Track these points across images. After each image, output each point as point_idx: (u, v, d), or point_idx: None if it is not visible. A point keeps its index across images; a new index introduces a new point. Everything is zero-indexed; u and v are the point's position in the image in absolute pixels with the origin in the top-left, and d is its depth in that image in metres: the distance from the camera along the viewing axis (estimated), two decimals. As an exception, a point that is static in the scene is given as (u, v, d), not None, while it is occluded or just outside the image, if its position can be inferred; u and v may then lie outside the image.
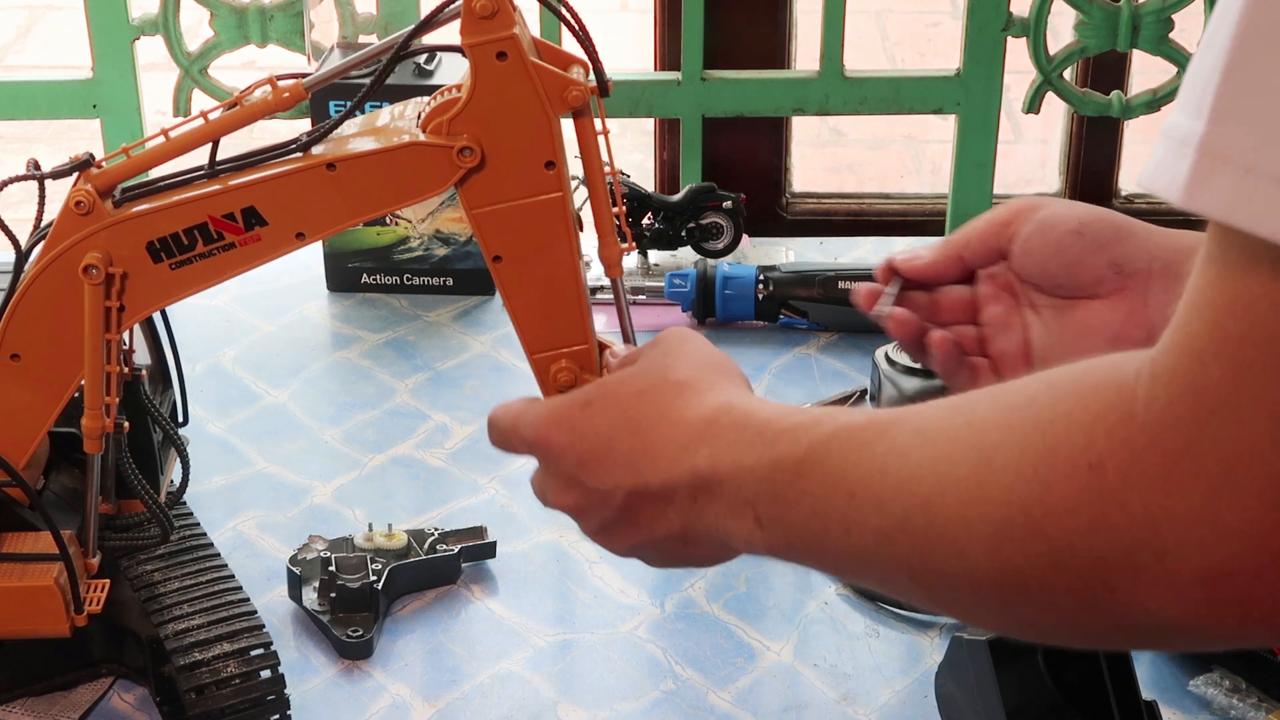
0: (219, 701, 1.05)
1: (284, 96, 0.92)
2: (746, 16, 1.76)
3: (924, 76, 1.73)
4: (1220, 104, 0.54)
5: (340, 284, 1.61)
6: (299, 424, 1.41)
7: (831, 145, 3.35)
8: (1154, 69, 1.72)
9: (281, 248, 0.94)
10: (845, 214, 1.88)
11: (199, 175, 0.94)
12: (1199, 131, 0.54)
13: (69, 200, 0.93)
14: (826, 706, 1.11)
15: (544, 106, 0.89)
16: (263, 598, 1.18)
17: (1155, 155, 0.57)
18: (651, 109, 1.73)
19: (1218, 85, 0.54)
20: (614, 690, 1.13)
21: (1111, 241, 0.91)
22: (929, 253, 0.96)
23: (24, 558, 1.02)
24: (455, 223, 1.58)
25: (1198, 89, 0.56)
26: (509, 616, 1.19)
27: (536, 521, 1.28)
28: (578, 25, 0.92)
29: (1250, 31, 0.53)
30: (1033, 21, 1.67)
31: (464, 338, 1.54)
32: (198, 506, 1.24)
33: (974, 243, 0.95)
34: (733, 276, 1.53)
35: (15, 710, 1.09)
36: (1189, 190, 0.55)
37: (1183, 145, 0.55)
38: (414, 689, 1.13)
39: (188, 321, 1.48)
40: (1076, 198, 1.83)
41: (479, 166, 0.90)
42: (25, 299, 0.96)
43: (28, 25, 3.78)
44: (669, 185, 1.83)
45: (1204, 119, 0.54)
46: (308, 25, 1.67)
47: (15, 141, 3.24)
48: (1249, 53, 0.54)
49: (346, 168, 0.92)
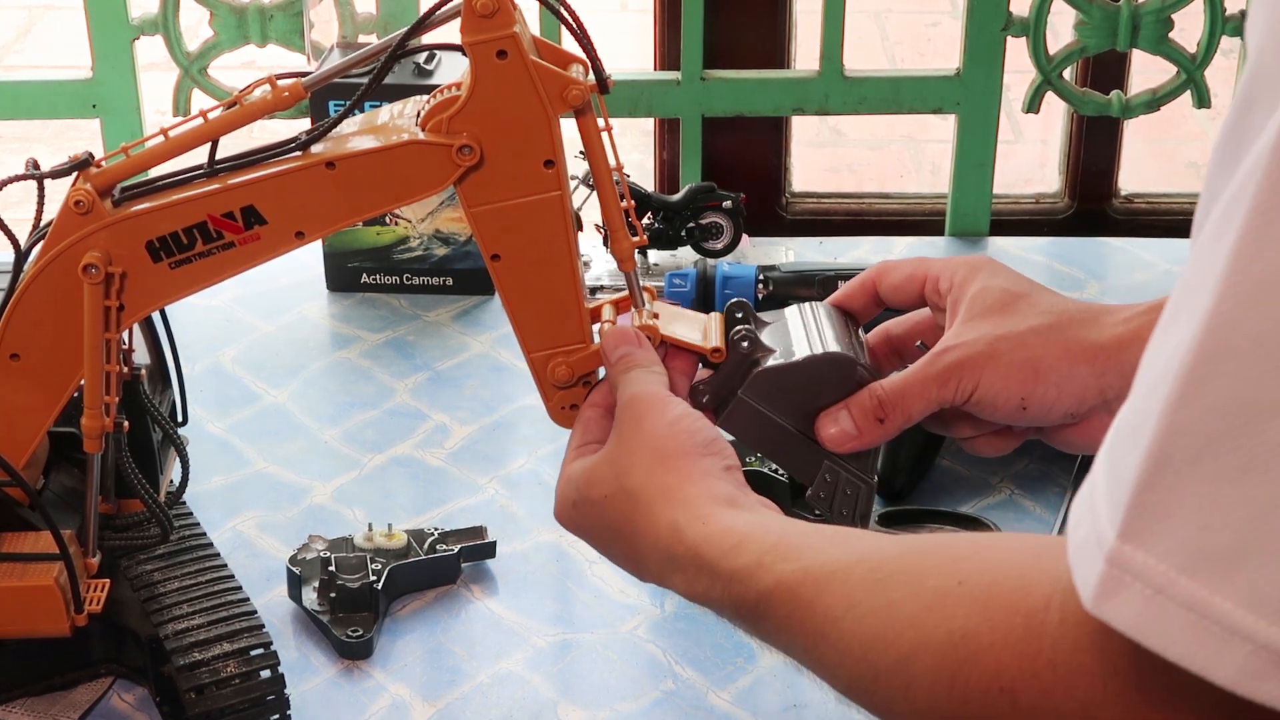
0: (219, 701, 1.05)
1: (283, 96, 0.92)
2: (746, 16, 1.76)
3: (924, 76, 1.73)
4: (1131, 519, 0.53)
5: (340, 284, 1.61)
6: (299, 424, 1.41)
7: (831, 145, 3.35)
8: (1154, 69, 1.72)
9: (281, 247, 0.94)
10: (845, 214, 1.88)
11: (198, 174, 0.93)
12: (1109, 540, 0.54)
13: (68, 200, 0.93)
14: (826, 706, 1.11)
15: (544, 105, 0.89)
16: (262, 598, 1.18)
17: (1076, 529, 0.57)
18: (651, 109, 1.73)
19: (1129, 499, 0.53)
20: (614, 690, 1.13)
21: (1059, 400, 0.91)
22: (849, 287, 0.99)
23: (24, 557, 1.02)
24: (455, 222, 1.58)
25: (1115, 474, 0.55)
26: (509, 616, 1.19)
27: (536, 521, 1.28)
28: (576, 24, 0.92)
29: (1169, 441, 0.52)
30: (1032, 21, 1.67)
31: (463, 338, 1.54)
32: (197, 506, 1.24)
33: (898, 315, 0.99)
34: (732, 276, 1.53)
35: (15, 710, 1.09)
36: (1098, 598, 0.54)
37: (1096, 545, 0.55)
38: (414, 689, 1.13)
39: (187, 321, 1.48)
40: (1076, 198, 1.84)
41: (478, 165, 0.90)
42: (24, 299, 0.96)
43: (27, 25, 3.78)
44: (669, 185, 1.83)
45: (1115, 528, 0.54)
46: (307, 25, 1.67)
47: (14, 141, 3.24)
48: (1167, 466, 0.52)
49: (346, 166, 0.92)
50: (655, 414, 0.87)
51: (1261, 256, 0.50)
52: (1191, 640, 0.52)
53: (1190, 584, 0.52)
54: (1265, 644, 0.51)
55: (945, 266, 0.95)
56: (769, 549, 0.77)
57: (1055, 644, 0.59)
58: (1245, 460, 0.51)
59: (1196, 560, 0.52)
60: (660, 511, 0.83)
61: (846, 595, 0.71)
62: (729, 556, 0.79)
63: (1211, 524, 0.51)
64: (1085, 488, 0.57)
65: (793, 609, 0.74)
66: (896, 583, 0.69)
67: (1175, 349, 0.53)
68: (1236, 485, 0.51)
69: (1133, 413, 0.55)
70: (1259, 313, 0.50)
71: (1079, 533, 0.56)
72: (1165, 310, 0.55)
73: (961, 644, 0.63)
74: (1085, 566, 0.55)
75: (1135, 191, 1.85)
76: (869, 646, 0.68)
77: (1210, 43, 1.68)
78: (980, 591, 0.63)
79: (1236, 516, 0.51)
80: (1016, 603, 0.61)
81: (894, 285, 0.97)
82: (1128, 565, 0.53)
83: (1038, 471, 1.33)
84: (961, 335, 0.92)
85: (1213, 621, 0.51)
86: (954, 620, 0.64)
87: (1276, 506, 0.50)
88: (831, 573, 0.73)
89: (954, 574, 0.66)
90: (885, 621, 0.68)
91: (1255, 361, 0.50)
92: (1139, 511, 0.53)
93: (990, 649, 0.62)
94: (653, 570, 0.85)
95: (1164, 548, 0.52)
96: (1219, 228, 0.52)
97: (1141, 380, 0.55)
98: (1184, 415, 0.52)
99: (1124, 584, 0.53)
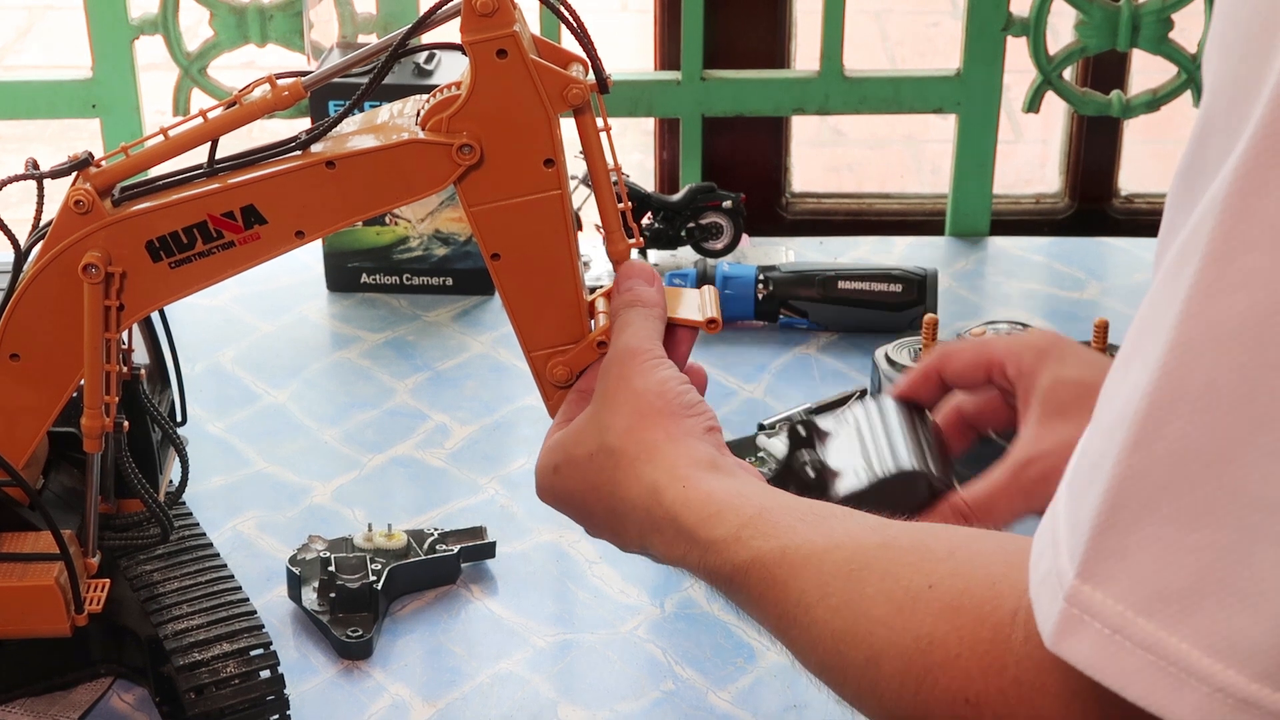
0: (218, 701, 1.05)
1: (283, 95, 0.92)
2: (746, 16, 1.76)
3: (924, 76, 1.73)
4: (1090, 559, 0.54)
5: (340, 284, 1.61)
6: (298, 424, 1.41)
7: (831, 145, 3.34)
8: (1154, 69, 1.72)
9: (281, 246, 0.94)
10: (845, 214, 1.88)
11: (198, 174, 0.93)
12: (1069, 579, 0.55)
13: (68, 199, 0.93)
14: (826, 706, 1.10)
15: (544, 104, 0.89)
16: (262, 598, 1.18)
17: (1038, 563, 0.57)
18: (651, 109, 1.73)
19: (1088, 539, 0.54)
20: (614, 690, 1.13)
21: None
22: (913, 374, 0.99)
23: (24, 557, 1.02)
24: (455, 222, 1.58)
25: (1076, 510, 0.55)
26: (509, 616, 1.19)
27: (536, 521, 1.28)
28: (576, 23, 0.92)
29: (1126, 485, 0.53)
30: (1033, 21, 1.67)
31: (463, 338, 1.54)
32: (197, 506, 1.24)
33: None
34: (732, 276, 1.53)
35: (15, 710, 1.09)
36: (1057, 636, 0.55)
37: (1057, 582, 0.56)
38: (414, 689, 1.13)
39: (187, 321, 1.48)
40: (1076, 198, 1.84)
41: (478, 164, 0.90)
42: (24, 298, 0.96)
43: (27, 25, 3.78)
44: (669, 185, 1.83)
45: (1075, 567, 0.55)
46: (307, 25, 1.67)
47: (14, 141, 3.23)
48: (1124, 509, 0.53)
49: (346, 165, 0.92)
50: (642, 372, 0.87)
51: (1212, 305, 0.51)
52: (1148, 681, 0.53)
53: (1147, 625, 0.53)
54: (1221, 686, 0.52)
55: (1010, 351, 0.94)
56: (747, 522, 0.77)
57: (1020, 662, 0.60)
58: (1200, 505, 0.52)
59: (1153, 602, 0.53)
60: (641, 470, 0.83)
61: (821, 583, 0.71)
62: (706, 525, 0.79)
63: (1168, 567, 0.52)
64: (1048, 518, 0.58)
65: (767, 588, 0.74)
66: (871, 576, 0.69)
67: (1131, 392, 0.54)
68: (1192, 530, 0.52)
69: (1092, 452, 0.56)
70: (1210, 361, 0.51)
71: (1041, 567, 0.57)
72: (1123, 347, 0.56)
73: (929, 650, 0.64)
74: (1046, 603, 0.56)
75: (1135, 191, 1.85)
76: (839, 639, 0.69)
77: (1210, 43, 1.68)
78: (951, 598, 0.64)
79: (1192, 560, 0.52)
80: (985, 614, 0.62)
81: (958, 371, 0.97)
82: (1086, 605, 0.54)
83: (1038, 471, 1.33)
84: (1042, 442, 0.90)
85: (1169, 663, 0.52)
86: (922, 626, 0.64)
87: (1231, 550, 0.51)
88: (807, 556, 0.73)
89: (927, 575, 0.66)
90: (856, 617, 0.68)
91: (1208, 408, 0.51)
92: (1097, 552, 0.54)
93: (957, 660, 0.62)
94: (633, 531, 0.84)
95: (1121, 589, 0.53)
96: (1174, 270, 0.53)
97: (1100, 417, 0.56)
98: (1140, 459, 0.53)
99: (1083, 623, 0.54)
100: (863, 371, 1.46)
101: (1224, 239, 0.51)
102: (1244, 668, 0.51)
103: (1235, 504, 0.51)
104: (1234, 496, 0.51)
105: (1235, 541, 0.51)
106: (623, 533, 0.86)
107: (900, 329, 1.48)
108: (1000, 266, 1.67)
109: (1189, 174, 0.55)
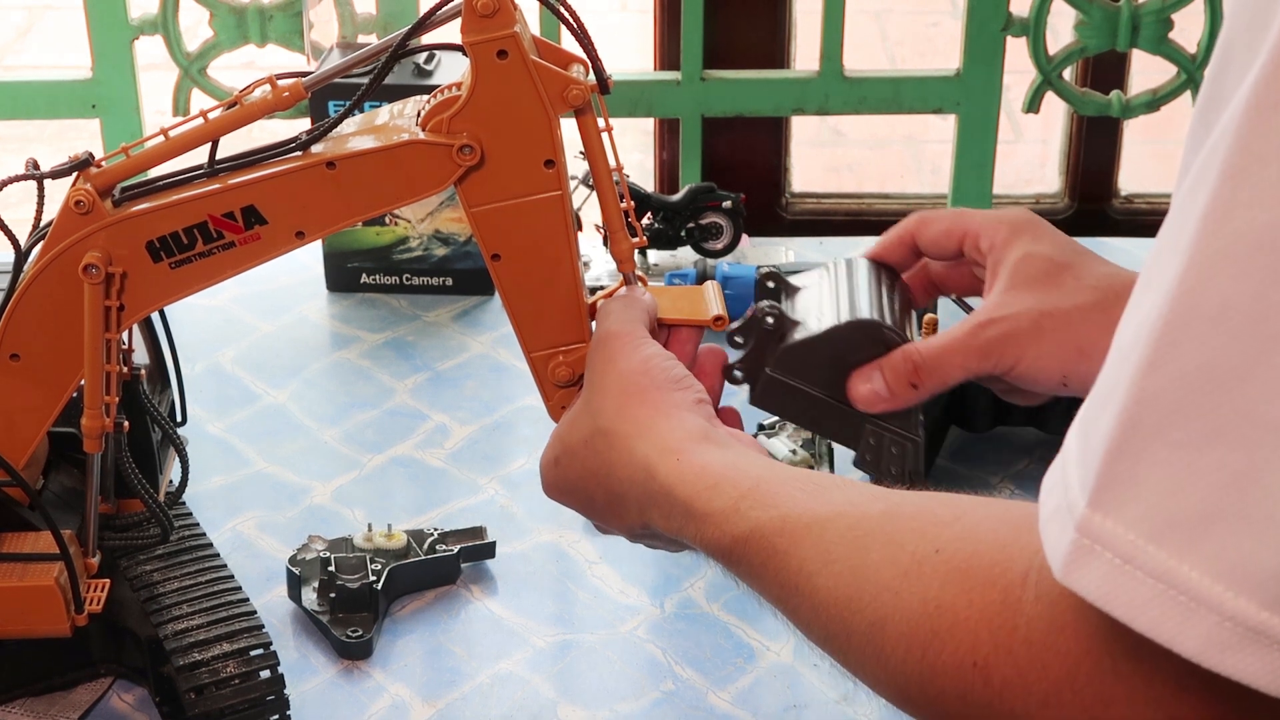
0: (218, 702, 1.05)
1: (283, 96, 0.92)
2: (746, 16, 1.76)
3: (924, 76, 1.73)
4: (1101, 487, 0.53)
5: (340, 284, 1.61)
6: (298, 424, 1.41)
7: (831, 145, 3.34)
8: (1154, 69, 1.72)
9: (281, 246, 0.94)
10: (845, 214, 1.88)
11: (198, 174, 0.93)
12: (1080, 509, 0.54)
13: (68, 200, 0.93)
14: (826, 707, 1.11)
15: (544, 105, 0.89)
16: (262, 598, 1.18)
17: (1048, 498, 0.56)
18: (651, 109, 1.73)
19: (1099, 467, 0.53)
20: (614, 690, 1.13)
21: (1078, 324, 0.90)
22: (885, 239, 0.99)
23: (24, 557, 1.02)
24: (455, 223, 1.58)
25: (1087, 442, 0.54)
26: (508, 616, 1.19)
27: (536, 521, 1.28)
28: (576, 24, 0.92)
29: (1138, 408, 0.52)
30: (1032, 21, 1.67)
31: (463, 338, 1.54)
32: (197, 507, 1.24)
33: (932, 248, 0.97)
34: (732, 276, 1.53)
35: (15, 710, 1.09)
36: (1067, 568, 0.54)
37: (1068, 513, 0.55)
38: (413, 689, 1.13)
39: (187, 321, 1.48)
40: (1076, 198, 1.84)
41: (478, 164, 0.90)
42: (25, 299, 0.96)
43: (27, 25, 3.78)
44: (669, 185, 1.83)
45: (1086, 496, 0.53)
46: (307, 25, 1.67)
47: (14, 141, 3.23)
48: (1136, 434, 0.52)
49: (346, 166, 0.92)
50: (625, 352, 0.87)
51: (1229, 222, 0.50)
52: (1158, 610, 0.51)
53: (1158, 552, 0.51)
54: (1231, 615, 0.50)
55: (985, 223, 0.94)
56: (745, 493, 0.77)
57: (1031, 622, 0.58)
58: (1213, 427, 0.50)
59: (1164, 528, 0.51)
60: (635, 447, 0.83)
61: (823, 550, 0.70)
62: (702, 498, 0.78)
63: (1179, 491, 0.51)
64: (1059, 458, 0.57)
65: (768, 557, 0.74)
66: (875, 543, 0.68)
67: (1145, 315, 0.52)
68: (1204, 452, 0.51)
69: (1105, 381, 0.55)
70: (1225, 279, 0.50)
71: (1050, 501, 0.56)
72: (1140, 275, 0.55)
73: (936, 615, 0.62)
74: (1056, 535, 0.55)
75: (1135, 191, 1.85)
76: (843, 606, 0.68)
77: (1210, 43, 1.68)
78: (959, 562, 0.63)
79: (1204, 483, 0.51)
80: (995, 577, 0.61)
81: (932, 239, 0.96)
82: (1097, 534, 0.53)
83: (1038, 471, 1.33)
84: (1005, 307, 0.90)
85: (1179, 591, 0.51)
86: (929, 590, 0.63)
87: (1244, 473, 0.50)
88: (809, 525, 0.72)
89: (933, 540, 0.65)
90: (860, 583, 0.67)
91: (1222, 327, 0.50)
92: (1109, 479, 0.53)
93: (965, 623, 0.61)
94: (634, 510, 0.84)
95: (1132, 515, 0.52)
96: (1191, 191, 0.52)
97: (1115, 347, 0.55)
98: (1153, 382, 0.51)
99: (1093, 553, 0.53)
100: (863, 372, 1.46)
101: (1241, 155, 0.50)
102: (1254, 595, 0.50)
103: (1249, 426, 0.50)
104: (1247, 418, 0.50)
105: (1248, 465, 0.50)
106: (624, 515, 0.85)
107: (900, 329, 1.48)
108: (1000, 267, 1.67)
109: (1206, 107, 0.53)
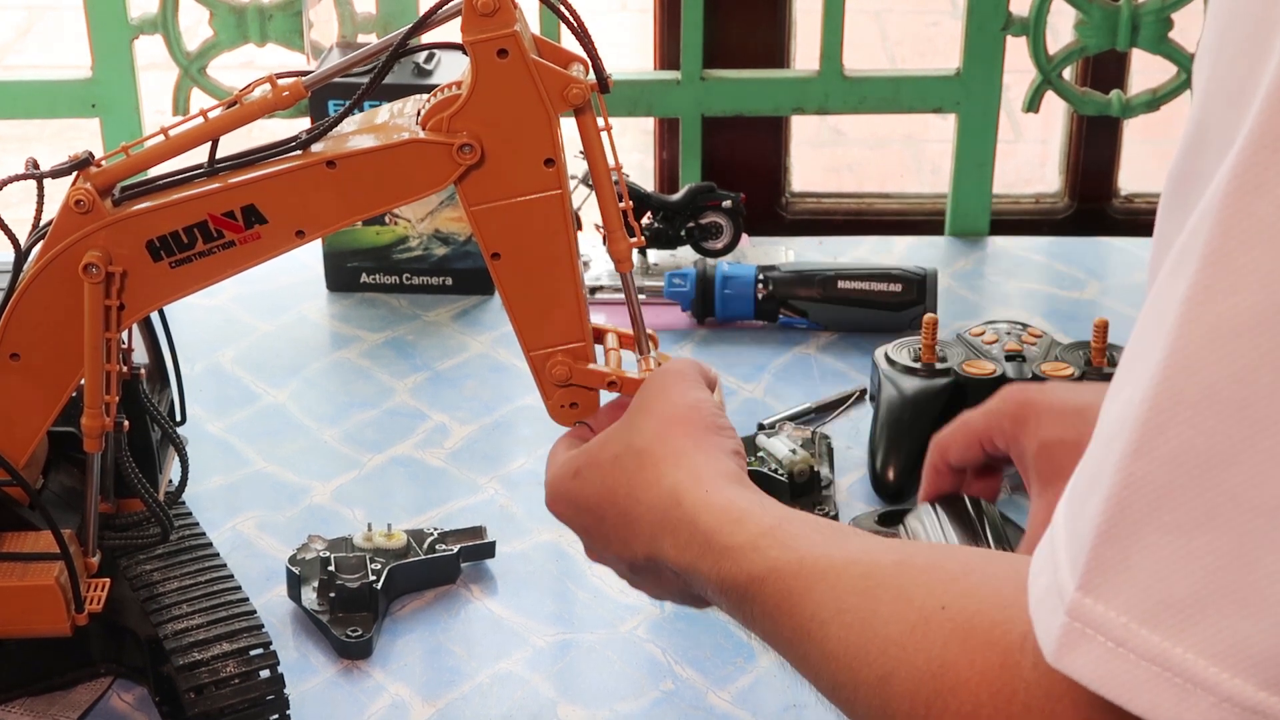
0: (218, 701, 1.05)
1: (283, 95, 0.92)
2: (746, 16, 1.75)
3: (924, 76, 1.73)
4: (1091, 571, 0.53)
5: (339, 283, 1.61)
6: (298, 424, 1.41)
7: (831, 145, 3.34)
8: (1154, 69, 1.72)
9: (281, 246, 0.94)
10: (845, 214, 1.88)
11: (198, 174, 0.93)
12: (1070, 592, 0.54)
13: (68, 199, 0.93)
14: (826, 707, 1.11)
15: (544, 104, 0.89)
16: (262, 598, 1.18)
17: (1037, 579, 0.57)
18: (651, 108, 1.73)
19: (1089, 551, 0.53)
20: (614, 690, 1.13)
21: None
22: None
23: (24, 557, 1.02)
24: (454, 222, 1.58)
25: (1075, 525, 0.55)
26: (508, 616, 1.19)
27: (535, 521, 1.28)
28: (577, 23, 0.92)
29: (1127, 492, 0.52)
30: (1032, 21, 1.67)
31: (463, 337, 1.54)
32: (197, 506, 1.24)
33: None
34: (732, 276, 1.53)
35: (15, 710, 1.09)
36: (1059, 651, 0.55)
37: (1058, 596, 0.55)
38: (413, 689, 1.13)
39: (187, 321, 1.48)
40: (1076, 198, 1.84)
41: (478, 163, 0.90)
42: (25, 298, 0.96)
43: (27, 25, 3.78)
44: (668, 185, 1.82)
45: (1076, 579, 0.54)
46: (307, 25, 1.67)
47: (14, 141, 3.23)
48: (1125, 518, 0.53)
49: (346, 165, 0.92)
50: (681, 388, 0.89)
51: (1211, 306, 0.50)
52: (1154, 693, 0.52)
53: (1151, 635, 0.52)
54: (1228, 695, 0.51)
55: (989, 425, 0.98)
56: (766, 531, 0.77)
57: (1030, 688, 0.59)
58: (1202, 511, 0.51)
59: (1157, 611, 0.52)
60: (666, 471, 0.84)
61: (836, 599, 0.71)
62: (725, 530, 0.79)
63: (1171, 575, 0.52)
64: (1047, 535, 0.57)
65: (781, 600, 0.74)
66: (886, 594, 0.68)
67: (1131, 399, 0.53)
68: (1194, 536, 0.51)
69: (1092, 463, 0.55)
70: (1211, 363, 0.51)
71: (1040, 583, 0.57)
72: (1123, 358, 0.56)
73: (940, 674, 0.63)
74: (1047, 618, 0.56)
75: (1135, 191, 1.85)
76: (853, 657, 0.68)
77: (1210, 42, 1.68)
78: (963, 620, 0.63)
79: (1195, 567, 0.51)
80: (996, 638, 0.61)
81: (959, 458, 1.01)
82: (1088, 618, 0.53)
83: (1038, 471, 1.33)
84: (1047, 512, 0.92)
85: (1175, 674, 0.52)
86: (934, 648, 0.63)
87: (1235, 557, 0.51)
88: (824, 570, 0.72)
89: (940, 596, 0.65)
90: (870, 635, 0.68)
91: (1209, 412, 0.51)
92: (1098, 563, 0.53)
93: (967, 684, 0.61)
94: (644, 536, 0.84)
95: (1124, 600, 0.53)
96: (1172, 276, 0.52)
97: (1100, 430, 0.55)
98: (1140, 466, 0.52)
99: (1085, 636, 0.54)
100: (863, 371, 1.46)
101: (1222, 239, 0.50)
102: (1250, 676, 0.51)
103: (1237, 509, 0.50)
104: (1236, 501, 0.50)
105: (1238, 548, 0.50)
106: (632, 540, 0.86)
107: (900, 329, 1.48)
108: (1000, 266, 1.67)
109: (1181, 181, 0.54)
